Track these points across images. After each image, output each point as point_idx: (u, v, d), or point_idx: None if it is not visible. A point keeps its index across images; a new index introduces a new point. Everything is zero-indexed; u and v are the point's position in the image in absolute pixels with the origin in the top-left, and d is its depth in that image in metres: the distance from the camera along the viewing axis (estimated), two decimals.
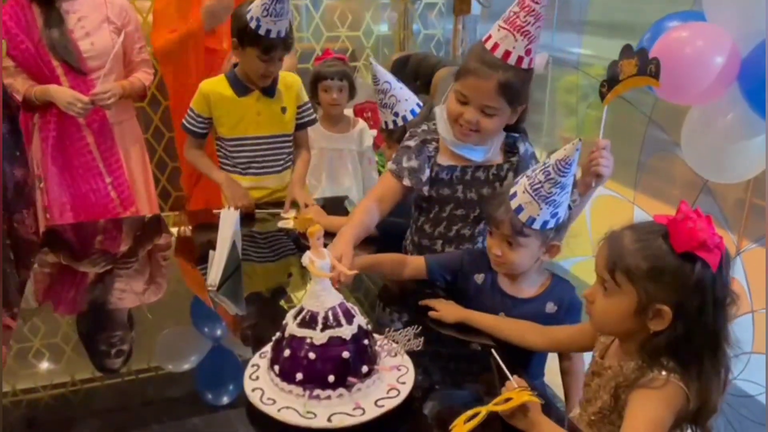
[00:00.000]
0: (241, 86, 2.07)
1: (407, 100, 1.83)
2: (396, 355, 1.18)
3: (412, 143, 1.57)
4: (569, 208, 1.35)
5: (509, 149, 1.58)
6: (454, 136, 1.49)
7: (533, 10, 1.35)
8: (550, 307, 1.41)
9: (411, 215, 1.69)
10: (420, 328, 1.22)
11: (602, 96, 1.49)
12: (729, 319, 1.04)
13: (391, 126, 1.85)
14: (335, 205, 2.15)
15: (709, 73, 1.48)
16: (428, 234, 1.62)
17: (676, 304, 1.01)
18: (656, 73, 1.36)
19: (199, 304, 1.62)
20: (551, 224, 1.31)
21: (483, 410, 1.04)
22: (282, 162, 2.20)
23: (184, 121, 2.13)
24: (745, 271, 1.95)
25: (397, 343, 1.19)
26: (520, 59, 1.38)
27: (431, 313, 1.42)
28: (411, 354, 1.19)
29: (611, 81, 1.46)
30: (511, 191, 1.33)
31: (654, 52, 1.56)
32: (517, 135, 1.57)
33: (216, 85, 2.08)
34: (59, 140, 2.33)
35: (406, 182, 1.54)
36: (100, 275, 1.70)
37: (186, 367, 1.35)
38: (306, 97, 2.23)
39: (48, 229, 2.07)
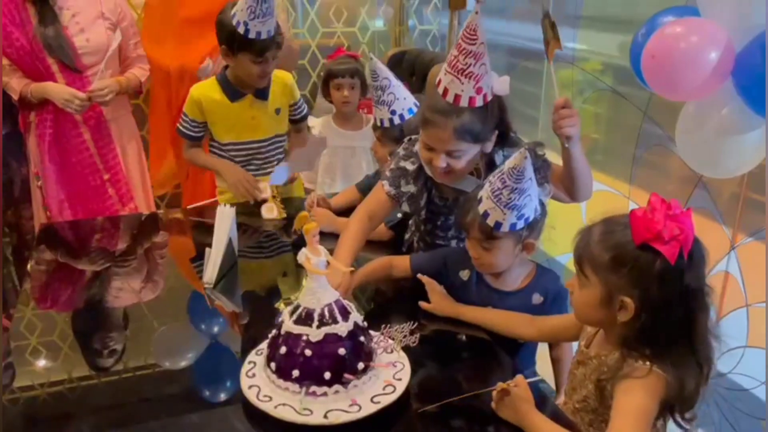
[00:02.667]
0: (233, 91, 2.04)
1: (405, 99, 1.80)
2: (392, 351, 1.19)
3: (410, 166, 1.56)
4: (541, 204, 1.36)
5: (489, 166, 1.54)
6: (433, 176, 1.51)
7: (470, 52, 1.31)
8: (537, 298, 1.43)
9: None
10: (416, 324, 1.22)
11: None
12: (704, 309, 1.03)
13: (386, 124, 1.82)
14: None
15: (704, 68, 1.48)
16: (441, 236, 1.65)
17: (639, 295, 1.01)
18: None
19: (195, 302, 1.62)
20: (520, 225, 1.31)
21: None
22: (276, 162, 2.19)
23: (179, 125, 2.11)
24: (739, 265, 1.95)
25: (393, 339, 1.19)
26: (471, 99, 1.36)
27: (422, 305, 1.44)
28: (407, 350, 1.20)
29: None
30: (478, 196, 1.34)
31: (648, 47, 1.56)
32: (491, 148, 1.51)
33: (207, 89, 2.05)
34: (56, 137, 2.32)
35: (405, 208, 1.57)
36: (97, 273, 1.70)
37: (183, 364, 1.35)
38: (298, 95, 2.21)
39: (44, 227, 2.06)
